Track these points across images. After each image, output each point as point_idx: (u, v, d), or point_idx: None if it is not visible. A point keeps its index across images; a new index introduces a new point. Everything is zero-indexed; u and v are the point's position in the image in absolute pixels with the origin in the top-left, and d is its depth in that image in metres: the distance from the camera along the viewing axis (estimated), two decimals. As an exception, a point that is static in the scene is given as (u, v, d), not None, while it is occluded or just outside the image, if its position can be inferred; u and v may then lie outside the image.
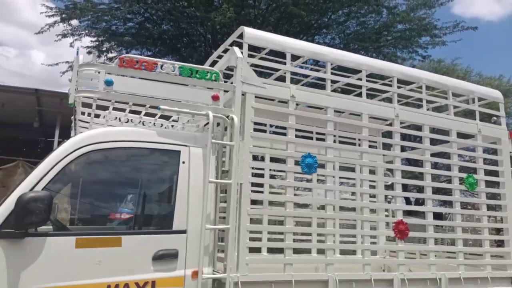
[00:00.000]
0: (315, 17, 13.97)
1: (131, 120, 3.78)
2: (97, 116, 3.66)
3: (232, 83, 3.10)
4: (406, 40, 14.43)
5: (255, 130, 3.08)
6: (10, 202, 2.34)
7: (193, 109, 2.93)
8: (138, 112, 3.63)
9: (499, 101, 4.37)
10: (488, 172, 4.02)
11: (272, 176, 3.91)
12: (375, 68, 3.69)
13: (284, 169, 3.15)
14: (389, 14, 14.34)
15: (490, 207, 3.97)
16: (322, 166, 3.24)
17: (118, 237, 2.53)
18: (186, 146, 2.88)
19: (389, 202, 3.54)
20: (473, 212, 3.82)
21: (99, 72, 2.73)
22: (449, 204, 3.77)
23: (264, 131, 3.77)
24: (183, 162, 2.83)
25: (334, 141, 3.42)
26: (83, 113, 3.40)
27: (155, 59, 2.90)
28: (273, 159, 3.57)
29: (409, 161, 6.86)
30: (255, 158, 3.22)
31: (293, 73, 3.46)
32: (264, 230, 3.63)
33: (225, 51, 3.87)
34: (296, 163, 3.13)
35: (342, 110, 3.51)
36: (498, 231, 4.25)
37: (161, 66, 2.88)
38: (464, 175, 3.85)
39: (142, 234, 2.64)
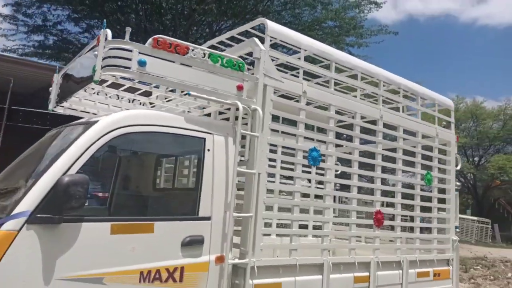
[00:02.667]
0: (252, 1, 14.18)
1: (132, 100, 3.59)
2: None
3: (253, 74, 3.15)
4: (334, 37, 15.38)
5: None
6: (42, 185, 2.18)
7: (220, 97, 2.94)
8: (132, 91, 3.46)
9: (451, 109, 5.05)
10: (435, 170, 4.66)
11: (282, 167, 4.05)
12: (368, 72, 4.01)
13: (294, 161, 3.34)
14: (323, 9, 15.09)
15: (438, 201, 4.64)
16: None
17: (151, 223, 2.51)
18: (210, 133, 2.90)
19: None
20: (428, 204, 4.44)
21: (131, 51, 2.59)
22: (410, 197, 4.30)
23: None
24: (208, 150, 2.85)
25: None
26: (92, 89, 3.14)
27: (186, 43, 2.82)
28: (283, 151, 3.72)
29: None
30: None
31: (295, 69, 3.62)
32: (275, 217, 3.80)
33: (232, 38, 3.88)
34: (304, 156, 3.34)
35: (342, 108, 3.76)
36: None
37: (192, 50, 2.82)
38: (424, 171, 4.44)
39: (173, 221, 2.64)
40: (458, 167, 4.90)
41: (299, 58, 3.49)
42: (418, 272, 4.10)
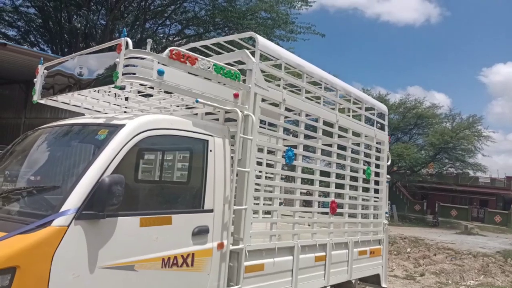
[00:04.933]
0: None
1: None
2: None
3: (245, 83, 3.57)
4: (266, 28, 16.14)
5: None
6: (85, 185, 2.41)
7: (220, 104, 3.33)
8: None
9: (385, 113, 5.98)
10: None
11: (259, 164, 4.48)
12: (331, 83, 4.66)
13: (274, 159, 3.86)
14: (258, 0, 15.70)
15: (374, 191, 5.54)
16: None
17: (170, 216, 2.86)
18: (211, 136, 3.28)
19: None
20: (366, 194, 5.30)
21: (152, 61, 2.85)
22: (354, 188, 5.10)
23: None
24: (210, 150, 3.24)
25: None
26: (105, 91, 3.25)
27: (195, 55, 3.14)
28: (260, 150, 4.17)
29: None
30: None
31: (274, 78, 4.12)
32: (260, 209, 4.25)
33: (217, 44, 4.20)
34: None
35: (309, 113, 4.35)
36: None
37: (199, 61, 3.15)
38: (365, 167, 5.28)
39: (185, 213, 3.00)
40: (389, 163, 5.87)
41: (280, 70, 3.99)
42: (359, 251, 4.95)
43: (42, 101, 3.73)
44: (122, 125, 2.73)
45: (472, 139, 31.27)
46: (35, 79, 3.71)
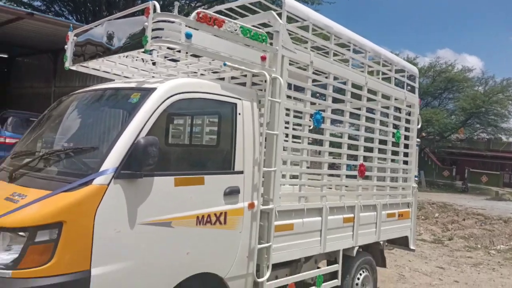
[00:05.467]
0: None
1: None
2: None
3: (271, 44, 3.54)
4: None
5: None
6: (122, 146, 2.51)
7: (248, 67, 3.32)
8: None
9: (416, 75, 5.81)
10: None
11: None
12: (360, 44, 4.54)
13: (301, 122, 3.87)
14: None
15: (404, 154, 5.48)
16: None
17: (202, 177, 2.95)
18: (240, 99, 3.30)
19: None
20: (395, 157, 5.26)
21: (180, 24, 2.86)
22: (383, 152, 5.05)
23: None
24: (239, 114, 3.27)
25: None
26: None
27: (222, 17, 3.12)
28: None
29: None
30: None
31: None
32: (288, 171, 4.32)
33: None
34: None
35: (337, 76, 4.28)
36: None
37: (226, 24, 3.13)
38: (395, 130, 5.21)
39: (217, 174, 3.09)
40: (419, 126, 5.76)
41: (308, 32, 3.91)
42: (388, 213, 4.97)
43: (74, 67, 3.84)
44: (154, 89, 2.78)
45: (506, 103, 30.09)
46: (65, 46, 3.80)
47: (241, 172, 3.23)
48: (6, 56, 17.64)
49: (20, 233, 2.28)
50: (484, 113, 30.47)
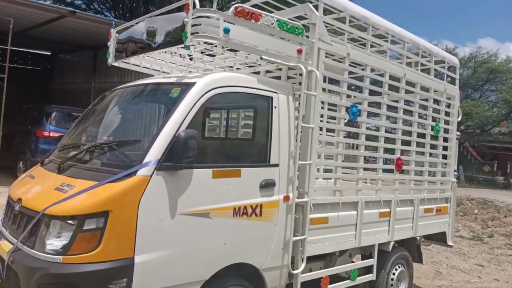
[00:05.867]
0: None
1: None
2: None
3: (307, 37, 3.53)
4: None
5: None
6: (163, 139, 2.60)
7: (284, 60, 3.34)
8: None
9: (457, 66, 5.61)
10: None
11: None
12: (398, 35, 4.44)
13: (337, 115, 3.85)
14: None
15: (443, 148, 5.33)
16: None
17: (239, 169, 3.01)
18: (276, 92, 3.32)
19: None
20: (434, 151, 5.13)
21: (218, 19, 2.91)
22: (421, 145, 4.93)
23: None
24: (275, 107, 3.30)
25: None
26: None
27: (259, 11, 3.14)
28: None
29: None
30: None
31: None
32: (322, 164, 4.33)
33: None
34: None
35: (374, 68, 4.21)
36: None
37: (263, 18, 3.15)
38: (434, 123, 5.07)
39: (253, 167, 3.14)
40: (459, 118, 5.57)
41: (344, 23, 3.87)
42: (425, 209, 4.86)
43: (116, 64, 3.98)
44: (193, 83, 2.85)
45: (553, 94, 28.36)
46: (108, 43, 3.94)
47: (277, 165, 3.26)
48: (49, 53, 18.45)
49: (70, 221, 2.42)
50: (529, 106, 28.92)
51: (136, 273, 2.43)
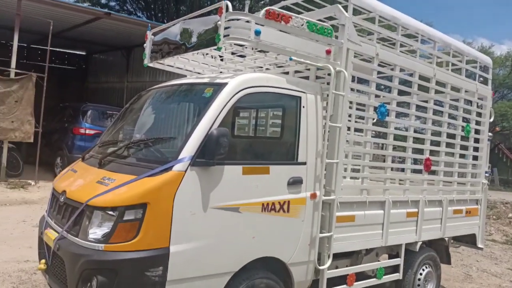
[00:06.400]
0: None
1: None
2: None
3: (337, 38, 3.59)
4: None
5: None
6: (197, 137, 2.74)
7: (313, 61, 3.42)
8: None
9: (489, 66, 5.51)
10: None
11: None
12: (428, 35, 4.43)
13: (365, 115, 3.89)
14: None
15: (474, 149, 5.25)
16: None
17: (268, 166, 3.12)
18: (304, 92, 3.41)
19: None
20: (464, 152, 5.07)
21: (249, 22, 3.02)
22: (451, 146, 4.89)
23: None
24: (303, 107, 3.38)
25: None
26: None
27: (289, 13, 3.24)
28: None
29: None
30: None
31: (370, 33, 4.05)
32: (350, 163, 4.41)
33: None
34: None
35: (404, 68, 4.22)
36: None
37: (292, 19, 3.25)
38: (464, 124, 5.01)
39: (281, 165, 3.24)
40: (491, 119, 5.47)
41: (374, 23, 3.91)
42: (454, 210, 4.82)
43: (151, 64, 4.17)
44: (225, 84, 2.99)
45: None
46: (144, 45, 4.14)
47: (304, 163, 3.35)
48: (84, 53, 19.18)
49: (111, 212, 2.60)
50: None
51: (171, 262, 2.58)
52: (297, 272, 3.32)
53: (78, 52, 19.30)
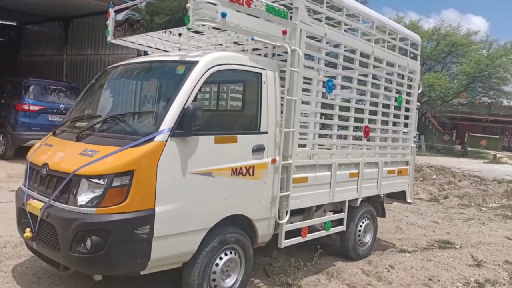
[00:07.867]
0: None
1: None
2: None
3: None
4: None
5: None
6: (175, 110, 3.07)
7: (271, 40, 3.82)
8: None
9: (418, 43, 6.26)
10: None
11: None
12: (369, 16, 4.99)
13: (314, 89, 4.40)
14: None
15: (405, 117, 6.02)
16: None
17: (235, 136, 3.53)
18: (264, 69, 3.82)
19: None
20: (397, 120, 5.82)
21: (216, 5, 3.34)
22: (385, 114, 5.60)
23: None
24: (264, 82, 3.81)
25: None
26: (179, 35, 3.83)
27: (251, -3, 3.58)
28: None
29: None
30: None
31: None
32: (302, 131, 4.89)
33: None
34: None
35: (347, 46, 4.76)
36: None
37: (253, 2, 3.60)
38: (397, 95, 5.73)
39: (247, 134, 3.66)
40: (420, 91, 6.27)
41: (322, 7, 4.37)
42: (388, 170, 5.59)
43: (114, 41, 4.33)
44: (196, 62, 3.31)
45: (509, 66, 29.99)
46: (107, 22, 4.27)
47: (266, 133, 3.80)
48: (15, 24, 17.83)
49: (100, 180, 2.89)
50: (487, 77, 30.44)
51: (157, 221, 2.95)
52: (261, 227, 3.83)
53: (7, 23, 17.90)
